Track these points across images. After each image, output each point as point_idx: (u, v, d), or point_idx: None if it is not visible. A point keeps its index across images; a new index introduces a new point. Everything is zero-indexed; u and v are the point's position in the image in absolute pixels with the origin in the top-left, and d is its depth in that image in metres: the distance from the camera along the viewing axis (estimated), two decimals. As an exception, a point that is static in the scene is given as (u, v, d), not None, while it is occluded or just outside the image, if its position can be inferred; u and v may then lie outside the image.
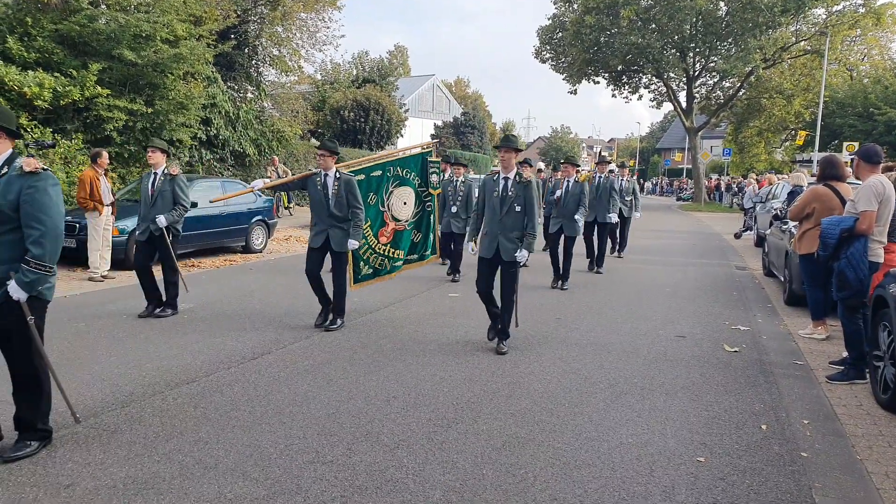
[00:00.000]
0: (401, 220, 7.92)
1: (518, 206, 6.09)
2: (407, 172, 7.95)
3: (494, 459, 3.94)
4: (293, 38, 23.74)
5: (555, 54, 38.93)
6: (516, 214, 6.11)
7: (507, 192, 6.15)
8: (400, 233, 7.93)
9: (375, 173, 7.67)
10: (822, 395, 5.32)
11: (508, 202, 6.12)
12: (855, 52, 35.90)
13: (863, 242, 5.57)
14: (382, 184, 7.72)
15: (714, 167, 50.99)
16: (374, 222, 7.67)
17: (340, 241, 6.95)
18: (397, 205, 7.88)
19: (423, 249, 8.27)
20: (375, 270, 7.79)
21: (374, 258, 7.73)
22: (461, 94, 65.84)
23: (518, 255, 6.09)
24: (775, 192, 16.48)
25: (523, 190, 6.13)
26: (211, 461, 3.84)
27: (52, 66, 13.34)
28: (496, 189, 6.20)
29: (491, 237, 6.20)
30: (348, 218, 6.97)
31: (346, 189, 6.88)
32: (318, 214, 7.03)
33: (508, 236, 6.12)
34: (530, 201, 6.11)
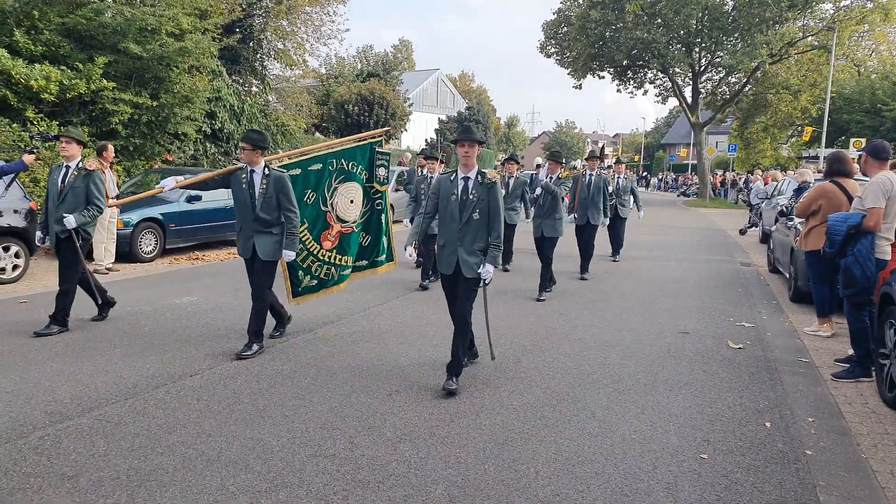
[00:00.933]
0: (347, 222, 6.78)
1: (480, 212, 5.06)
2: (353, 166, 6.79)
3: (497, 454, 3.94)
4: (298, 32, 23.73)
5: (560, 49, 38.80)
6: (478, 222, 5.06)
7: (467, 196, 5.07)
8: (347, 236, 6.80)
9: (314, 167, 6.58)
10: (827, 393, 5.30)
11: (469, 207, 5.06)
12: (862, 47, 35.73)
13: (870, 239, 5.53)
14: (323, 179, 6.61)
15: (719, 163, 50.81)
16: (315, 224, 6.59)
17: (268, 250, 5.90)
18: (343, 203, 6.74)
19: (373, 255, 7.11)
20: (321, 281, 6.72)
21: (317, 267, 6.66)
22: (466, 88, 65.72)
23: (481, 270, 5.04)
24: (781, 188, 16.41)
25: (486, 193, 5.05)
26: (214, 454, 3.84)
27: (59, 60, 13.35)
28: (454, 191, 5.10)
29: (449, 249, 5.15)
30: (279, 222, 5.93)
31: (277, 188, 5.83)
32: (242, 218, 5.95)
33: (470, 248, 5.07)
34: (495, 206, 5.06)
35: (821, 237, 6.31)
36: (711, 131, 45.10)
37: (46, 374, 5.18)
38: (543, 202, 8.93)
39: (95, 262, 10.08)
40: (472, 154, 5.08)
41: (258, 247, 5.89)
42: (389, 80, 37.82)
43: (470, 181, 5.11)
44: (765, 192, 18.01)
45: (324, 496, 3.38)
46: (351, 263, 6.90)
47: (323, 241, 6.68)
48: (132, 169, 14.80)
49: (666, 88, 39.37)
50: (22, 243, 9.17)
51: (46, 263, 10.38)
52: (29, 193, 9.66)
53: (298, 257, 6.37)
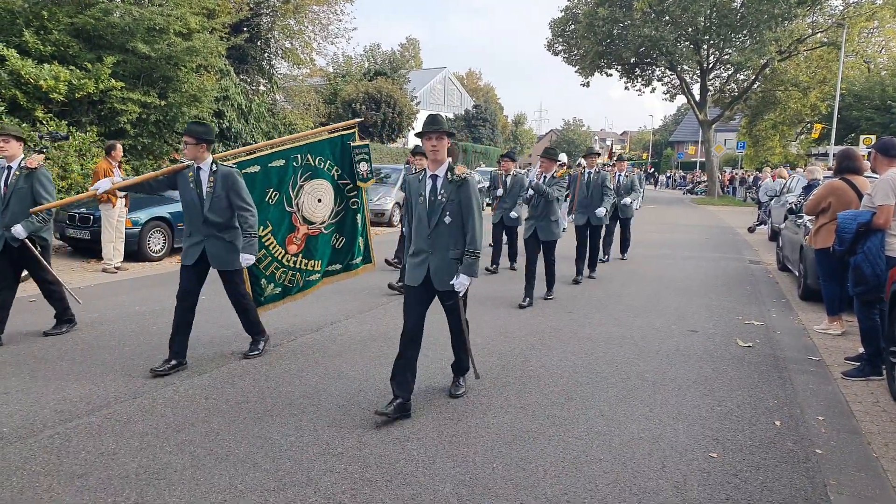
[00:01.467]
0: (315, 223, 6.29)
1: (451, 214, 4.47)
2: (321, 161, 6.26)
3: (504, 453, 3.93)
4: (305, 31, 23.78)
5: (567, 47, 38.74)
6: (450, 226, 4.49)
7: (435, 197, 4.48)
8: (315, 238, 6.33)
9: (276, 163, 6.02)
10: (837, 392, 5.26)
11: (438, 210, 4.46)
12: (872, 43, 35.50)
13: (880, 237, 5.49)
14: (287, 177, 6.08)
15: (728, 160, 50.64)
16: (279, 227, 6.10)
17: (223, 257, 5.39)
18: (310, 203, 6.23)
19: (348, 258, 6.62)
20: (285, 289, 6.26)
21: (281, 273, 6.19)
22: (473, 86, 65.68)
23: (454, 282, 4.46)
24: (790, 185, 16.33)
25: (457, 192, 4.44)
26: (222, 452, 3.85)
27: (68, 60, 13.41)
28: (421, 192, 4.55)
29: (418, 258, 4.57)
30: (232, 225, 5.40)
31: (225, 186, 5.27)
32: (190, 221, 5.41)
33: (442, 257, 4.50)
34: (468, 207, 4.45)
35: (831, 235, 6.27)
36: (720, 129, 44.96)
37: (55, 373, 5.21)
38: (537, 203, 8.29)
39: (104, 260, 10.14)
40: (441, 148, 4.46)
41: (210, 254, 5.35)
42: (397, 79, 37.84)
43: (439, 180, 4.51)
44: (773, 189, 17.92)
45: (332, 494, 3.39)
46: (320, 268, 6.43)
47: (288, 245, 6.16)
48: (140, 168, 14.86)
49: (674, 86, 39.27)
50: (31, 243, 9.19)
51: (56, 263, 10.43)
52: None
53: (261, 264, 5.97)
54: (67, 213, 10.79)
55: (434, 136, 4.44)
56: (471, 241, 4.46)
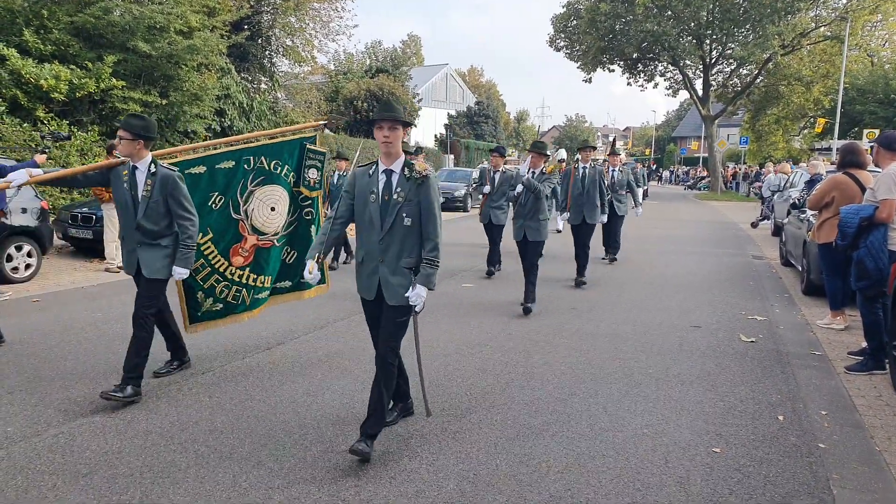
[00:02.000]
0: (267, 234, 5.53)
1: (408, 216, 3.84)
2: (277, 165, 5.52)
3: (508, 450, 3.94)
4: (306, 29, 23.76)
5: (569, 42, 38.73)
6: (406, 230, 3.85)
7: (390, 195, 3.84)
8: (265, 251, 5.56)
9: (224, 165, 5.34)
10: (840, 386, 5.26)
11: (393, 211, 3.82)
12: (876, 37, 35.43)
13: (882, 231, 5.48)
14: (236, 180, 5.37)
15: (731, 155, 50.54)
16: (222, 236, 5.38)
17: (155, 266, 4.75)
18: (261, 211, 5.50)
19: (299, 275, 5.72)
20: (228, 305, 5.52)
21: (223, 288, 5.44)
22: (475, 83, 65.64)
23: (409, 294, 3.82)
24: (793, 180, 16.30)
25: (416, 191, 3.83)
26: (226, 450, 3.86)
27: (68, 59, 13.43)
28: (373, 190, 3.88)
29: (369, 267, 3.92)
30: (170, 232, 4.79)
31: (165, 190, 4.68)
32: (123, 224, 4.87)
33: (395, 266, 3.85)
34: (429, 208, 3.84)
35: (833, 229, 6.26)
36: (723, 124, 44.82)
37: (60, 373, 5.22)
38: (525, 201, 7.68)
39: (107, 260, 10.15)
40: (395, 139, 3.83)
41: (143, 262, 4.75)
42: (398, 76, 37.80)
43: (394, 176, 3.87)
44: (776, 184, 17.89)
45: (336, 492, 3.40)
46: (269, 285, 5.68)
47: (232, 257, 5.44)
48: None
49: (676, 81, 39.22)
50: (34, 243, 9.23)
51: (58, 263, 10.46)
52: (41, 193, 9.72)
53: (198, 275, 5.31)
54: (70, 213, 10.81)
55: (387, 124, 3.81)
56: (431, 248, 3.86)
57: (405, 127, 3.92)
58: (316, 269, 4.07)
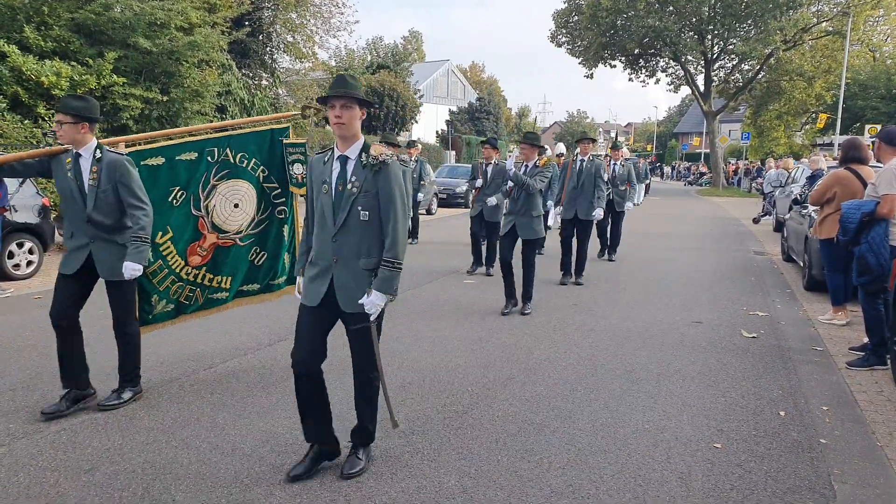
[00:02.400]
0: (228, 232, 5.09)
1: (365, 209, 3.35)
2: (243, 158, 5.07)
3: (510, 445, 3.94)
4: (307, 25, 23.71)
5: (571, 38, 38.64)
6: (364, 227, 3.37)
7: (344, 185, 3.37)
8: (225, 250, 5.11)
9: (186, 156, 4.86)
10: (841, 382, 5.26)
11: (347, 203, 3.34)
12: (878, 32, 35.34)
13: (884, 226, 5.47)
14: (198, 173, 4.90)
15: (732, 151, 50.49)
16: (181, 233, 4.89)
17: (114, 264, 4.30)
18: (223, 208, 5.04)
19: (269, 276, 5.40)
20: (179, 306, 5.03)
21: (178, 288, 4.95)
22: (476, 79, 65.54)
23: (364, 301, 3.36)
24: (794, 176, 16.28)
25: (373, 180, 3.34)
26: (228, 447, 3.87)
27: (69, 55, 13.41)
28: (325, 179, 3.42)
29: (319, 267, 3.46)
30: (126, 225, 4.33)
31: (112, 178, 4.23)
32: (71, 219, 4.41)
33: (351, 268, 3.39)
34: (389, 201, 3.35)
35: (835, 225, 6.25)
36: (724, 119, 44.80)
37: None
38: (517, 195, 7.27)
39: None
40: (350, 120, 3.31)
41: (98, 260, 4.32)
42: (399, 72, 37.80)
43: (350, 163, 3.38)
44: (778, 180, 17.87)
45: (337, 488, 3.40)
46: (229, 286, 5.22)
47: (190, 256, 4.95)
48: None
49: (678, 77, 39.13)
50: (36, 239, 9.25)
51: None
52: (42, 189, 9.73)
53: (155, 278, 4.80)
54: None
55: (339, 102, 3.28)
56: (390, 247, 3.35)
57: (363, 107, 3.39)
58: (301, 281, 3.65)
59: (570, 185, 9.10)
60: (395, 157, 3.40)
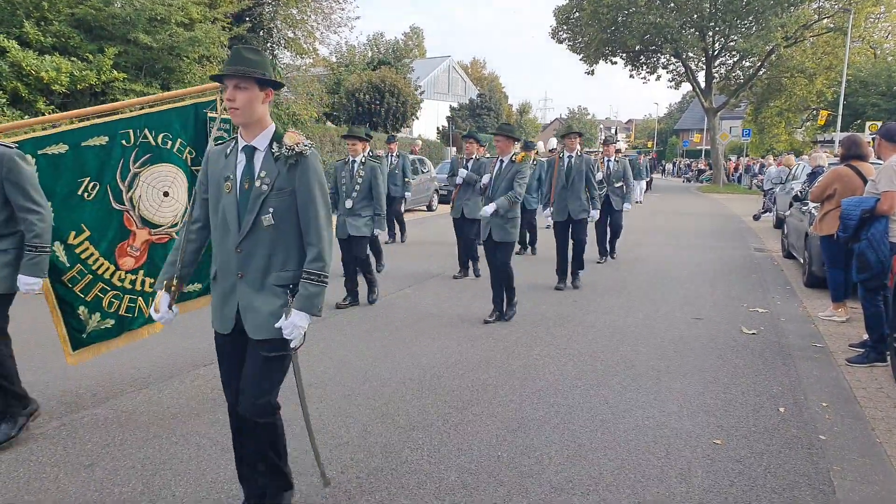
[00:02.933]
0: (162, 226, 4.42)
1: (276, 212, 2.77)
2: (166, 139, 4.36)
3: (510, 441, 3.94)
4: (308, 21, 23.67)
5: (572, 34, 38.58)
6: (273, 233, 2.78)
7: (251, 182, 2.78)
8: (163, 247, 4.41)
9: (94, 141, 4.11)
10: (841, 378, 5.26)
11: (255, 204, 2.76)
12: (879, 29, 35.29)
13: (884, 223, 5.47)
14: (113, 160, 4.18)
15: (733, 148, 50.45)
16: (102, 232, 4.19)
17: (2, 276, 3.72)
18: (151, 198, 4.35)
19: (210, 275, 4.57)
20: (121, 320, 4.33)
21: (112, 298, 4.27)
22: (477, 75, 65.36)
23: (283, 324, 2.75)
24: (795, 173, 16.27)
25: (288, 176, 2.77)
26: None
27: (69, 51, 13.40)
28: (228, 175, 2.82)
29: (223, 285, 2.88)
30: (11, 232, 3.75)
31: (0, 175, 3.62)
32: None
33: (260, 283, 2.81)
34: (308, 200, 2.78)
35: (835, 222, 6.25)
36: (725, 116, 44.74)
37: (62, 365, 5.18)
38: (492, 195, 6.68)
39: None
40: (248, 103, 2.72)
41: None
42: (400, 68, 37.70)
43: (258, 155, 2.80)
44: (778, 176, 17.86)
45: (337, 483, 3.40)
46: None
47: (120, 258, 4.27)
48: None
49: (679, 73, 39.08)
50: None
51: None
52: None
53: (76, 286, 4.12)
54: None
55: (232, 82, 2.70)
56: (314, 258, 2.76)
57: (265, 87, 2.77)
58: (165, 303, 3.01)
59: (559, 185, 8.48)
60: (313, 147, 2.82)
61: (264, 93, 2.77)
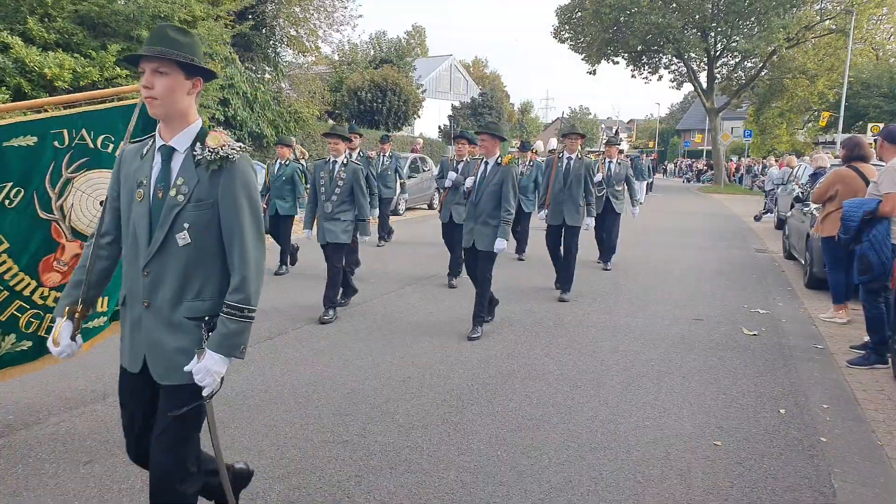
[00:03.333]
0: None
1: (195, 227, 2.29)
2: (107, 141, 3.77)
3: (509, 441, 3.94)
4: (310, 19, 23.67)
5: (574, 34, 38.53)
6: (190, 252, 2.31)
7: (166, 189, 2.30)
8: None
9: (20, 141, 3.56)
10: (842, 380, 5.25)
11: (168, 217, 2.29)
12: (881, 30, 35.28)
13: (886, 225, 5.46)
14: (41, 164, 3.64)
15: (735, 149, 50.42)
16: (24, 244, 3.66)
17: None
18: (85, 208, 3.82)
19: None
20: (40, 343, 3.77)
21: (31, 317, 3.76)
22: (479, 74, 65.38)
23: (194, 367, 2.27)
24: (797, 173, 16.26)
25: (209, 185, 2.29)
26: (227, 440, 3.86)
27: (72, 47, 13.39)
28: (141, 180, 2.34)
29: (131, 317, 2.43)
30: None
31: None
32: None
33: (168, 314, 2.33)
34: (234, 213, 2.30)
35: (837, 223, 6.24)
36: (727, 117, 44.71)
37: (62, 363, 5.21)
38: (476, 199, 6.14)
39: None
40: (169, 92, 2.24)
41: None
42: (402, 67, 37.69)
43: (177, 158, 2.32)
44: (780, 177, 17.85)
45: (337, 482, 3.40)
46: (107, 308, 3.92)
47: (44, 274, 3.75)
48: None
49: (681, 74, 39.04)
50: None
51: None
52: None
53: None
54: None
55: (151, 65, 2.23)
56: (239, 285, 2.27)
57: (194, 75, 2.29)
58: (67, 333, 2.52)
59: (556, 187, 7.97)
60: (242, 150, 2.32)
61: (191, 82, 2.30)
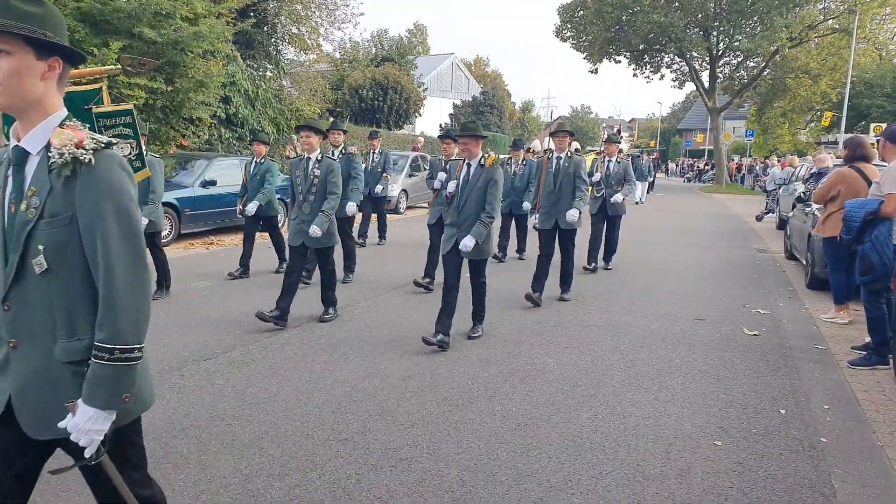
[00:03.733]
0: None
1: (51, 249, 1.76)
2: None
3: (509, 440, 3.94)
4: (312, 16, 23.67)
5: (576, 33, 38.46)
6: (51, 281, 1.77)
7: (19, 199, 1.78)
8: None
9: None
10: (843, 380, 5.25)
11: (21, 236, 1.76)
12: (885, 30, 35.16)
13: (888, 225, 5.45)
14: None
15: (736, 148, 50.39)
16: None
17: None
18: None
19: None
20: None
21: None
22: (480, 73, 65.34)
23: (68, 423, 1.75)
24: (798, 174, 16.25)
25: (64, 195, 1.75)
26: (228, 437, 3.87)
27: (74, 44, 13.38)
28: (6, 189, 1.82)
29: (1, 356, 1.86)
30: None
31: None
32: None
33: (38, 356, 1.81)
34: (94, 228, 1.73)
35: (839, 223, 6.23)
36: (728, 116, 44.65)
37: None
38: (460, 204, 5.82)
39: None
40: (15, 74, 1.73)
41: None
42: (404, 65, 37.71)
43: (31, 162, 1.81)
44: (782, 177, 17.84)
45: (337, 479, 3.40)
46: None
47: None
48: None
49: (683, 73, 38.98)
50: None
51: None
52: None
53: None
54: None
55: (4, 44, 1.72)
56: (102, 321, 1.76)
57: (48, 55, 1.85)
58: None
59: (546, 189, 7.56)
60: (103, 146, 1.79)
61: (46, 63, 1.81)
